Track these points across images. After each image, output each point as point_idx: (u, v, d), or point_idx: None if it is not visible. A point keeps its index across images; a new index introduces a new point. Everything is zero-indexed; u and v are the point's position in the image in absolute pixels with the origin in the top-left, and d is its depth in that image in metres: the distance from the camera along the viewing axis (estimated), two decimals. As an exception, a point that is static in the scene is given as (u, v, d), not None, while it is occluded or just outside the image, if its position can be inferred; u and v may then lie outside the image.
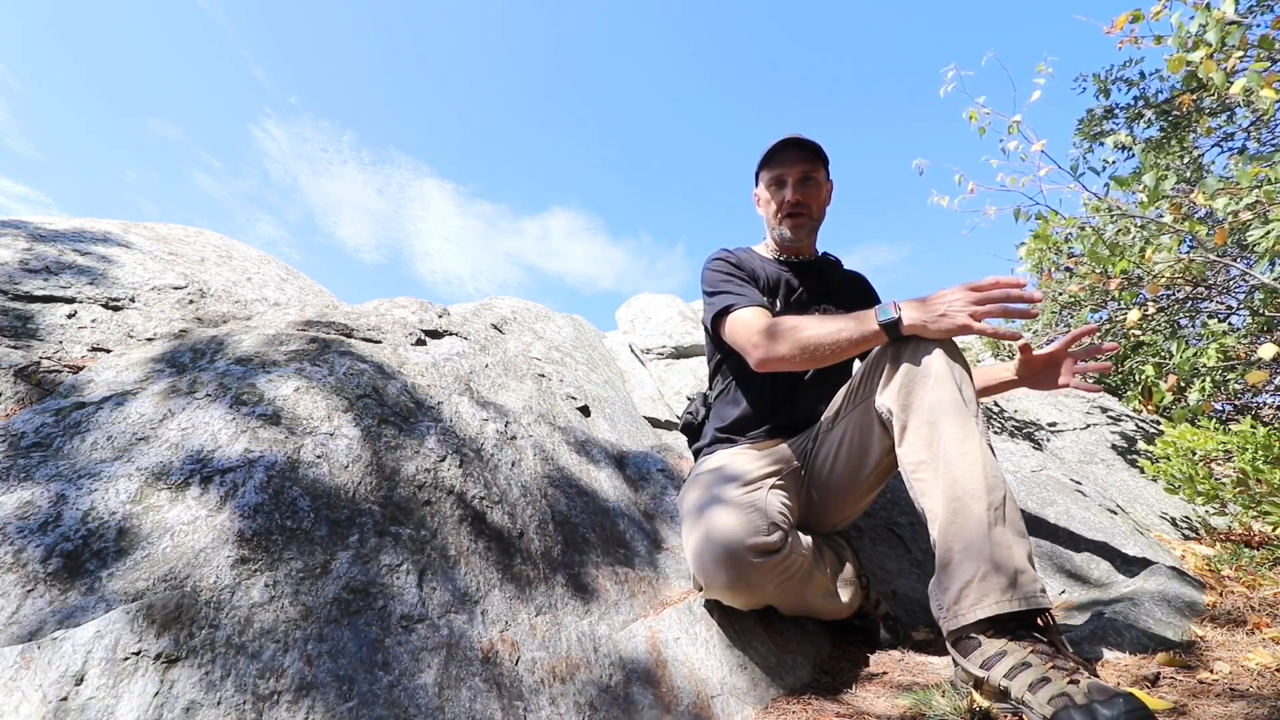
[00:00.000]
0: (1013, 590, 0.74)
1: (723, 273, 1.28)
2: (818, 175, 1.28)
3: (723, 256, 1.32)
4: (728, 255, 1.32)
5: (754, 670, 0.91)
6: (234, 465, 0.74)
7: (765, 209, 1.34)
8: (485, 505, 0.94)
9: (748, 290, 1.22)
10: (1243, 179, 1.46)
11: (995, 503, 0.79)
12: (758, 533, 0.91)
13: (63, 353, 0.93)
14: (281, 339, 1.05)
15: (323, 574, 0.69)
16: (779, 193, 1.29)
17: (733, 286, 1.23)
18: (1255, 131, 2.77)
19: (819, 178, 1.29)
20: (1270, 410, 2.61)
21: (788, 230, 1.29)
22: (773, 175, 1.29)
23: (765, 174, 1.31)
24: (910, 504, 1.46)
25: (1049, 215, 1.96)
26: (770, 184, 1.30)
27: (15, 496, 0.65)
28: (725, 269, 1.28)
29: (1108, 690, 0.62)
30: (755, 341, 1.09)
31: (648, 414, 1.73)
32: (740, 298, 1.20)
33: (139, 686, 0.53)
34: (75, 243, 1.22)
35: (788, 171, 1.28)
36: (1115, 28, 1.79)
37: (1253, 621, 0.97)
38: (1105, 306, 2.35)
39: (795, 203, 1.27)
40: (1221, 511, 1.51)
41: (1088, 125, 3.48)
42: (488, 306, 1.81)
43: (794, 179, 1.27)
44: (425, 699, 0.64)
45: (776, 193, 1.30)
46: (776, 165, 1.29)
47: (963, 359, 0.94)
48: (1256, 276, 1.75)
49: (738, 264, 1.29)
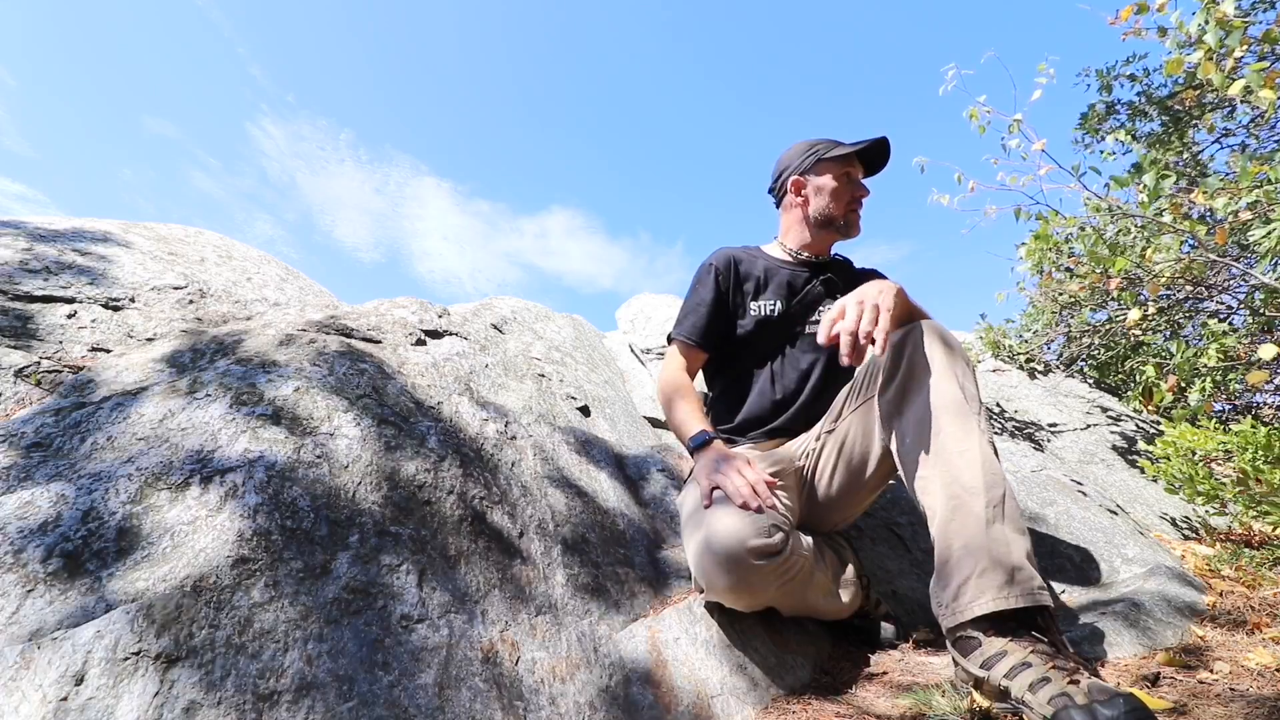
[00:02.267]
0: (1011, 587, 0.74)
1: (692, 293, 1.32)
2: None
3: (709, 269, 1.31)
4: (717, 266, 1.30)
5: (754, 670, 0.91)
6: (234, 465, 0.74)
7: (823, 197, 1.28)
8: (485, 505, 0.94)
9: (695, 324, 1.28)
10: (1243, 178, 1.46)
11: (994, 500, 0.79)
12: (759, 534, 0.91)
13: (63, 353, 0.93)
14: (281, 339, 1.05)
15: (323, 574, 0.69)
16: (852, 187, 1.28)
17: (688, 315, 1.30)
18: (1255, 129, 2.77)
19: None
20: (1270, 410, 2.61)
21: (853, 225, 1.29)
22: (851, 169, 1.28)
23: (836, 165, 1.28)
24: (910, 504, 1.46)
25: (1049, 215, 1.96)
26: (842, 175, 1.27)
27: (15, 496, 0.65)
28: (695, 292, 1.31)
29: (1108, 690, 0.62)
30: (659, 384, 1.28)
31: (648, 414, 1.73)
32: (680, 326, 1.29)
33: (139, 686, 0.53)
34: (75, 243, 1.22)
35: (860, 169, 1.29)
36: (1119, 19, 1.79)
37: (1253, 621, 0.97)
38: (1105, 306, 2.35)
39: (862, 199, 1.29)
40: (1221, 511, 1.51)
41: (1089, 121, 3.47)
42: (488, 306, 1.81)
43: (862, 177, 1.30)
44: (425, 699, 0.64)
45: (849, 185, 1.28)
46: (858, 160, 1.28)
47: (965, 356, 0.94)
48: (1257, 276, 1.75)
49: (719, 280, 1.29)
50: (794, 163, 1.32)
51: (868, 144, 1.25)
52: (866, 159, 1.29)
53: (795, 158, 1.32)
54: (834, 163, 1.27)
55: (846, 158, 1.26)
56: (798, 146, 1.33)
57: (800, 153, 1.31)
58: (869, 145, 1.25)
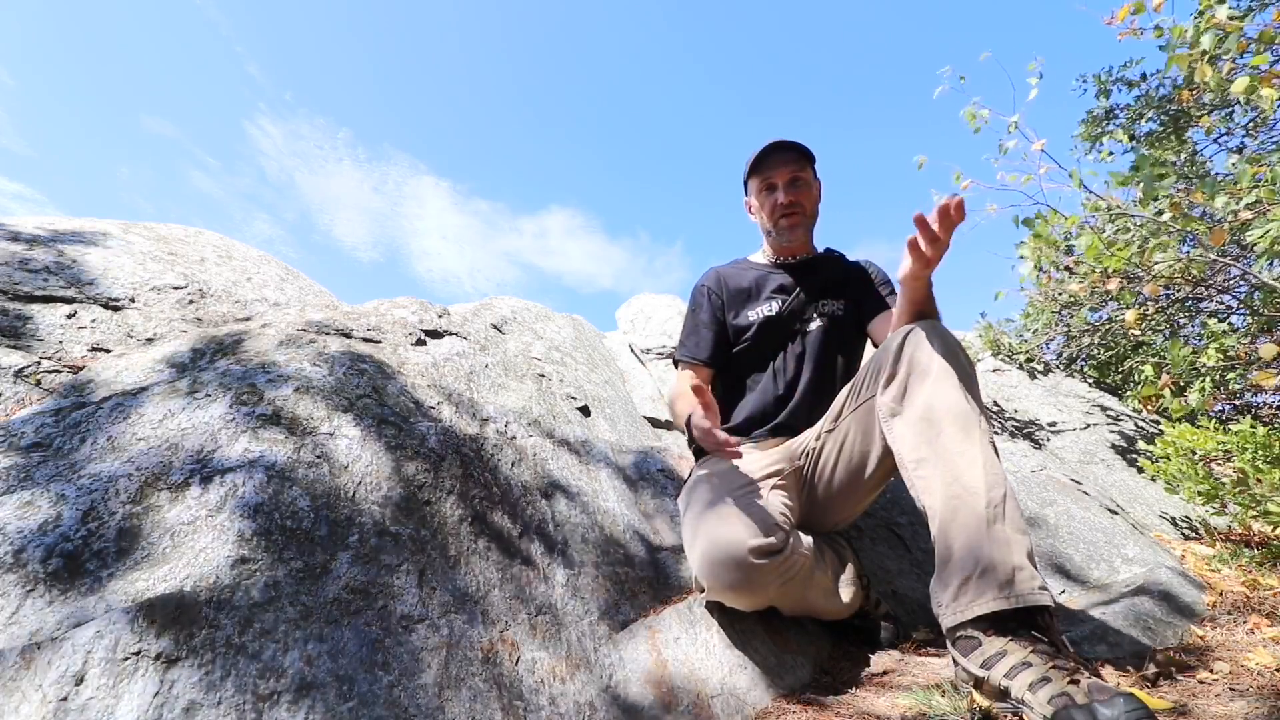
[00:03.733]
0: (1010, 588, 0.74)
1: (689, 315, 1.38)
2: (805, 175, 1.31)
3: (701, 289, 1.39)
4: (708, 286, 1.38)
5: (754, 670, 0.91)
6: (234, 465, 0.74)
7: (759, 216, 1.36)
8: (485, 505, 0.94)
9: (696, 344, 1.34)
10: (1242, 178, 1.46)
11: (995, 500, 0.79)
12: (759, 534, 0.91)
13: (63, 353, 0.93)
14: (282, 339, 1.05)
15: (323, 574, 0.69)
16: (770, 197, 1.32)
17: (688, 338, 1.36)
18: (1254, 131, 2.77)
19: (807, 177, 1.31)
20: (1270, 410, 2.61)
21: (785, 231, 1.32)
22: (762, 181, 1.32)
23: (755, 181, 1.33)
24: (910, 504, 1.46)
25: (1048, 215, 1.96)
26: (761, 190, 1.33)
27: (15, 496, 0.65)
28: (692, 313, 1.38)
29: (1108, 690, 0.62)
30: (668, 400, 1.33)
31: (648, 414, 1.73)
32: (683, 348, 1.36)
33: (139, 687, 0.53)
34: (75, 243, 1.22)
35: (776, 175, 1.30)
36: (1116, 19, 1.79)
37: (1253, 621, 0.97)
38: (1105, 306, 2.35)
39: (788, 204, 1.30)
40: (1221, 511, 1.51)
41: (1088, 127, 3.48)
42: (487, 306, 1.81)
43: (783, 181, 1.30)
44: (425, 699, 0.64)
45: (767, 198, 1.32)
46: (765, 170, 1.31)
47: (966, 356, 0.94)
48: (1256, 276, 1.75)
49: (712, 299, 1.36)
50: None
51: (759, 154, 1.29)
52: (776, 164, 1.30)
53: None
54: (752, 180, 1.34)
55: (758, 171, 1.32)
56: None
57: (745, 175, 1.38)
58: (761, 154, 1.29)
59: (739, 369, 1.31)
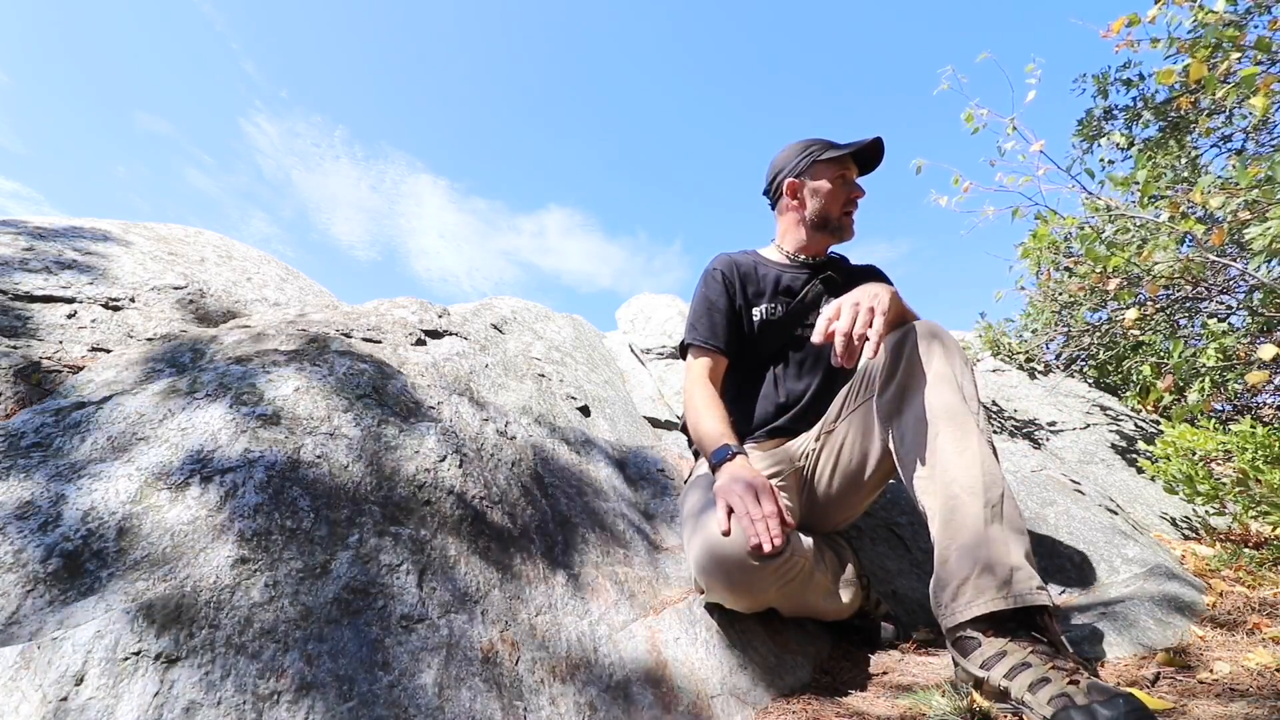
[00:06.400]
0: (1010, 587, 0.74)
1: (700, 298, 1.28)
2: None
3: (714, 272, 1.29)
4: (721, 270, 1.29)
5: (754, 670, 0.91)
6: (234, 465, 0.74)
7: (819, 200, 1.26)
8: (485, 505, 0.94)
9: (711, 327, 1.24)
10: (1242, 179, 1.46)
11: (992, 500, 0.79)
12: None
13: (63, 353, 0.93)
14: (282, 339, 1.05)
15: (323, 574, 0.69)
16: (847, 188, 1.27)
17: (700, 320, 1.26)
18: (1254, 133, 2.77)
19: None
20: (1270, 410, 2.61)
21: (846, 227, 1.28)
22: (845, 170, 1.26)
23: (832, 166, 1.26)
24: (910, 504, 1.46)
25: (1048, 215, 1.96)
26: (838, 175, 1.26)
27: (15, 496, 0.65)
28: (704, 296, 1.27)
29: (1108, 690, 0.62)
30: (684, 394, 1.22)
31: (648, 414, 1.73)
32: (694, 331, 1.25)
33: (139, 686, 0.53)
34: (75, 242, 1.22)
35: (854, 170, 1.27)
36: (1111, 32, 1.79)
37: (1253, 621, 0.97)
38: (1104, 306, 2.35)
39: (857, 200, 1.28)
40: (1221, 511, 1.51)
41: (1086, 126, 3.48)
42: (487, 306, 1.81)
43: (856, 177, 1.28)
44: (425, 699, 0.64)
45: (844, 187, 1.26)
46: (853, 161, 1.27)
47: (963, 356, 0.94)
48: (1256, 276, 1.75)
49: (726, 284, 1.27)
50: (789, 165, 1.30)
51: (862, 145, 1.24)
52: (861, 160, 1.28)
53: (790, 160, 1.30)
54: (829, 165, 1.26)
55: (841, 159, 1.25)
56: (792, 148, 1.31)
57: (795, 155, 1.29)
58: (864, 146, 1.24)
59: (739, 369, 1.29)
